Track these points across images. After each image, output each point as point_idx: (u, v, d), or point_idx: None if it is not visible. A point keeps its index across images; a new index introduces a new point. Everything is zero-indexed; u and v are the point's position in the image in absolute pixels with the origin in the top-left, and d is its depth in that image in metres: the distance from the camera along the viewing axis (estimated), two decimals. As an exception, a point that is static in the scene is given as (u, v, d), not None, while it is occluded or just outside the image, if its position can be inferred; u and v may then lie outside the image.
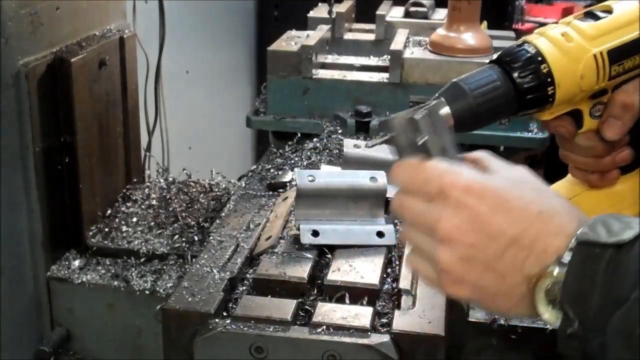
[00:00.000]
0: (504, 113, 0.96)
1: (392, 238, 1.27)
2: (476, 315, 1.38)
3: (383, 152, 1.55)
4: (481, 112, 0.94)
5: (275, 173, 1.63)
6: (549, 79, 0.95)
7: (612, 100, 1.01)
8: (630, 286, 0.71)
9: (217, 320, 1.09)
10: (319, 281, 1.20)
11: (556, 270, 0.78)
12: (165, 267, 1.53)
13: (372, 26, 2.25)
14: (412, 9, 2.32)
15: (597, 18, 0.99)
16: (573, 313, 0.75)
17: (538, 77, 0.95)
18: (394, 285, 1.20)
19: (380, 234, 1.27)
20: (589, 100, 1.01)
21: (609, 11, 0.99)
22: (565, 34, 0.97)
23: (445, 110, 0.93)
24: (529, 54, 0.96)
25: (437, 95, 0.95)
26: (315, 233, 1.26)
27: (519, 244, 0.79)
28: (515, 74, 0.95)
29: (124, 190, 1.75)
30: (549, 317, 0.80)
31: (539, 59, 0.95)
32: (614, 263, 0.73)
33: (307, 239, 1.25)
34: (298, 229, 1.27)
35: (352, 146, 1.51)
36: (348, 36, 2.25)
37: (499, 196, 0.81)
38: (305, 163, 1.64)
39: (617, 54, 0.97)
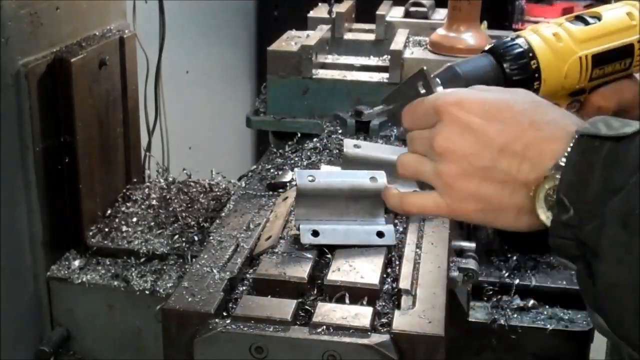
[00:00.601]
0: None
1: (392, 238, 1.27)
2: (476, 315, 1.38)
3: (383, 152, 1.56)
4: None
5: (275, 173, 1.63)
6: (536, 74, 1.02)
7: (588, 102, 1.08)
8: (629, 174, 0.74)
9: (217, 320, 1.09)
10: (319, 281, 1.20)
11: (553, 174, 0.80)
12: (165, 267, 1.53)
13: (372, 26, 2.25)
14: (412, 9, 2.32)
15: (586, 23, 1.06)
16: (569, 201, 0.77)
17: (527, 71, 1.02)
18: (394, 285, 1.20)
19: (380, 234, 1.27)
20: (568, 97, 1.08)
21: (598, 17, 1.06)
22: (556, 34, 1.03)
23: (439, 90, 0.99)
24: (521, 49, 1.02)
25: (433, 76, 1.00)
26: (315, 233, 1.26)
27: (510, 151, 0.82)
28: (507, 65, 1.02)
29: (124, 190, 1.75)
30: (547, 221, 0.82)
31: (530, 54, 1.02)
32: (612, 154, 0.76)
33: (307, 239, 1.25)
34: (298, 229, 1.27)
35: (352, 146, 1.51)
36: (348, 36, 2.25)
37: (489, 108, 0.85)
38: (305, 163, 1.64)
39: (600, 59, 1.05)
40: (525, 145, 0.81)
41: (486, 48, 1.05)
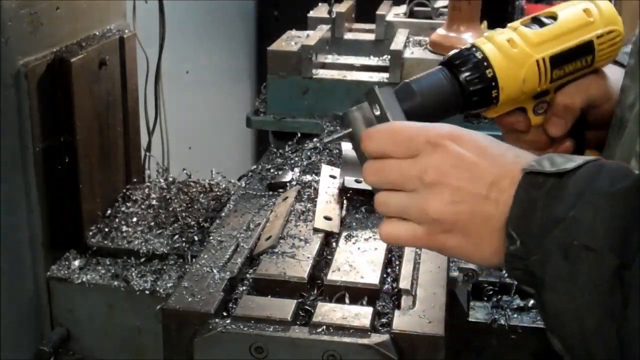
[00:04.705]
0: (451, 111, 1.02)
1: None
2: (476, 315, 1.38)
3: None
4: (429, 110, 0.99)
5: (275, 173, 1.63)
6: (493, 83, 1.01)
7: (555, 101, 1.08)
8: (569, 207, 0.77)
9: (217, 320, 1.09)
10: (319, 281, 1.20)
11: None
12: (165, 267, 1.53)
13: (372, 26, 2.25)
14: (417, 8, 2.32)
15: (542, 24, 1.05)
16: (516, 234, 0.80)
17: (483, 81, 1.00)
18: (394, 285, 1.20)
19: None
20: (532, 99, 1.07)
21: (554, 17, 1.05)
22: (510, 40, 1.02)
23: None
24: (475, 59, 1.01)
25: (394, 90, 0.99)
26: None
27: (500, 185, 0.83)
28: (462, 77, 1.00)
29: (124, 190, 1.75)
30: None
31: (485, 63, 1.00)
32: (555, 189, 0.79)
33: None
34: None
35: (350, 149, 1.52)
36: (348, 36, 2.25)
37: (480, 144, 0.86)
38: (305, 163, 1.64)
39: (558, 60, 1.03)
40: (512, 181, 0.83)
41: (441, 61, 1.04)
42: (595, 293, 0.74)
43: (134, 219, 1.65)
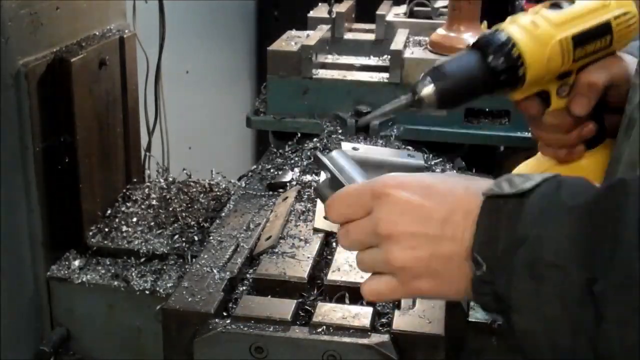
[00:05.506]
0: (480, 92, 1.09)
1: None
2: (476, 315, 1.38)
3: (381, 154, 1.56)
4: (460, 91, 1.08)
5: (275, 173, 1.63)
6: (519, 62, 1.07)
7: (579, 79, 1.13)
8: (531, 225, 0.77)
9: (217, 320, 1.09)
10: (319, 281, 1.20)
11: None
12: (165, 267, 1.53)
13: (372, 26, 2.25)
14: (417, 8, 2.32)
15: (561, 8, 1.11)
16: (481, 258, 0.80)
17: (510, 60, 1.07)
18: (394, 285, 1.20)
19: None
20: (556, 81, 1.13)
21: (572, 2, 1.12)
22: (533, 22, 1.09)
23: (429, 89, 1.06)
24: (502, 40, 1.08)
25: (422, 75, 1.08)
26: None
27: (452, 220, 0.83)
28: (490, 57, 1.07)
29: (124, 190, 1.75)
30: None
31: (511, 43, 1.07)
32: (516, 209, 0.79)
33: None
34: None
35: (350, 149, 1.52)
36: (348, 36, 2.25)
37: (426, 185, 0.86)
38: (305, 163, 1.64)
39: (579, 39, 1.10)
40: (466, 212, 0.82)
41: (468, 44, 1.11)
42: (564, 309, 0.73)
43: (134, 219, 1.65)
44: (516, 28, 1.08)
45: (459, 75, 1.07)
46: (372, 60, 2.00)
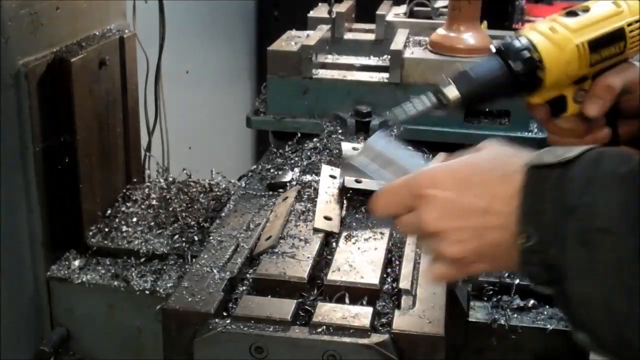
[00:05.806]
0: (502, 95, 1.18)
1: None
2: (476, 315, 1.38)
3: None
4: (484, 94, 1.17)
5: (275, 173, 1.63)
6: (540, 65, 1.14)
7: (596, 82, 1.19)
8: (580, 194, 0.78)
9: (217, 320, 1.09)
10: (319, 281, 1.20)
11: None
12: (165, 267, 1.53)
13: (372, 26, 2.25)
14: (417, 8, 2.32)
15: (577, 16, 1.18)
16: (530, 229, 0.81)
17: (531, 63, 1.14)
18: (394, 285, 1.20)
19: None
20: (573, 86, 1.20)
21: (587, 10, 1.19)
22: (552, 28, 1.16)
23: (456, 93, 1.14)
24: (523, 45, 1.14)
25: (447, 79, 1.16)
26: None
27: (493, 209, 0.85)
28: (512, 62, 1.15)
29: (124, 190, 1.75)
30: None
31: (531, 48, 1.15)
32: (561, 179, 0.80)
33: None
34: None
35: (350, 149, 1.52)
36: (348, 36, 2.25)
37: (459, 177, 0.89)
38: (305, 163, 1.64)
39: (595, 44, 1.17)
40: (505, 199, 0.84)
41: (492, 50, 1.18)
42: (619, 276, 0.74)
43: (134, 219, 1.65)
44: (536, 34, 1.16)
45: (483, 80, 1.15)
46: (372, 60, 1.99)
